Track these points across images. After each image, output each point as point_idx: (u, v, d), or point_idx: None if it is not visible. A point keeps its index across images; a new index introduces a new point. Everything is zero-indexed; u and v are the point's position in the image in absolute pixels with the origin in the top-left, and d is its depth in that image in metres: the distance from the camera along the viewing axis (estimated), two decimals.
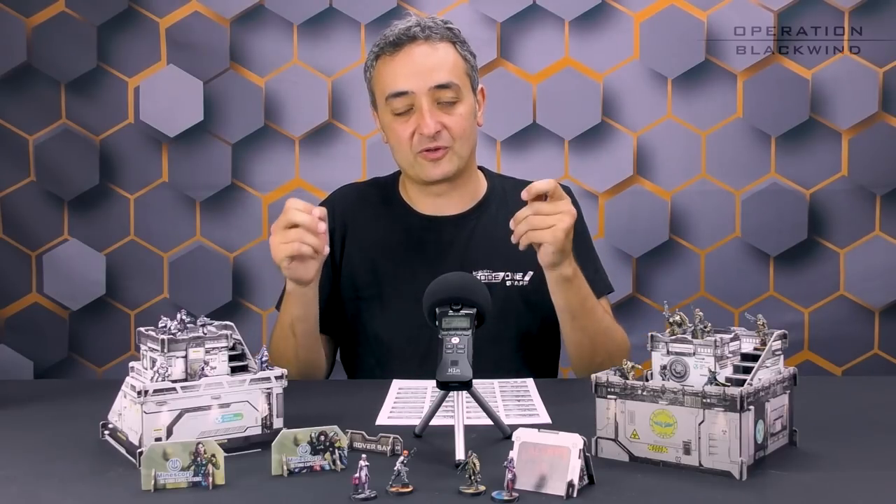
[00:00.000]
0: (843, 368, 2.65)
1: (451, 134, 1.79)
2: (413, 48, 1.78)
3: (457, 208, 1.89)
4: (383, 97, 1.81)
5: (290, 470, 1.10)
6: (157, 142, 2.68)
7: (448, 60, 1.79)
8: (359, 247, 1.89)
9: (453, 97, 1.78)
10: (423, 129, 1.76)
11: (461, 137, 1.80)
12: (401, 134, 1.80)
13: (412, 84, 1.77)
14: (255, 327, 2.67)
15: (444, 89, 1.77)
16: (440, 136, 1.77)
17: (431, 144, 1.78)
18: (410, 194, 1.92)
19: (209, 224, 2.69)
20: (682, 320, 1.17)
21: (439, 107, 1.78)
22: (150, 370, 1.18)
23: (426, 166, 1.80)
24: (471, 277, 1.29)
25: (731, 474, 1.07)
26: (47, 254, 2.68)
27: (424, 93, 1.76)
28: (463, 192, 1.90)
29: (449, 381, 1.14)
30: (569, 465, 1.01)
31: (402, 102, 1.78)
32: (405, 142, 1.79)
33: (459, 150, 1.81)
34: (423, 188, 1.88)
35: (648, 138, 2.66)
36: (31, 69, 2.67)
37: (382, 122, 1.86)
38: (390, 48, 1.79)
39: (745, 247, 2.66)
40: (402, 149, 1.81)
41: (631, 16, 2.66)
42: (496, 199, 1.93)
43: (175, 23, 2.67)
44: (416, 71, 1.77)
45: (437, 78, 1.77)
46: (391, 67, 1.79)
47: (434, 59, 1.78)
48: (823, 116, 2.64)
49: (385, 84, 1.80)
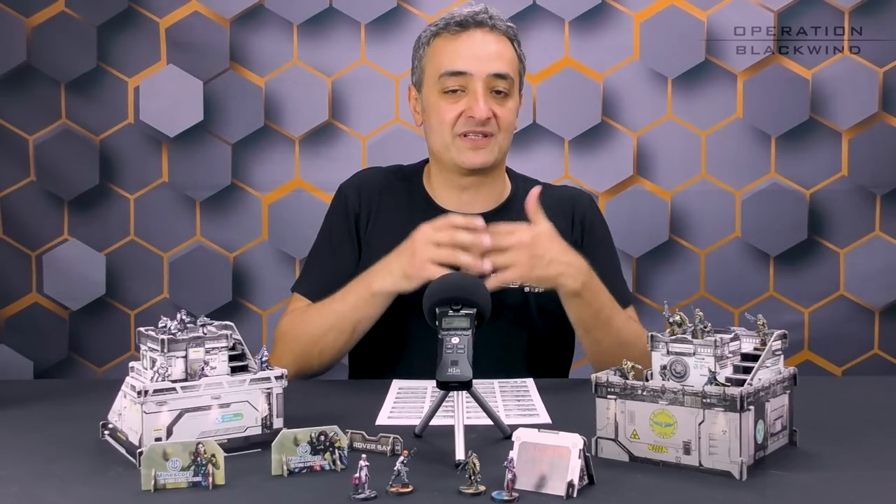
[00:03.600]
0: (843, 368, 2.65)
1: (499, 123, 1.78)
2: (477, 32, 1.78)
3: (480, 207, 1.85)
4: (436, 73, 1.78)
5: (290, 470, 1.10)
6: (157, 142, 2.68)
7: (508, 53, 1.80)
8: (378, 236, 1.85)
9: (506, 88, 1.78)
10: (476, 112, 1.74)
11: (506, 129, 1.80)
12: (445, 113, 1.77)
13: (472, 66, 1.75)
14: (255, 327, 2.67)
15: (500, 79, 1.76)
16: (489, 123, 1.76)
17: (479, 129, 1.76)
18: (435, 187, 1.88)
19: (209, 224, 2.69)
20: (682, 320, 1.17)
21: (492, 96, 1.77)
22: (150, 370, 1.18)
23: (465, 151, 1.78)
24: (471, 277, 1.29)
25: (731, 474, 1.07)
26: (47, 254, 2.68)
27: (482, 77, 1.75)
28: (488, 191, 1.87)
29: (449, 381, 1.14)
30: (569, 465, 1.01)
31: (455, 82, 1.76)
32: (448, 122, 1.77)
33: (502, 142, 1.80)
34: (450, 179, 1.85)
35: (648, 138, 2.66)
36: (31, 69, 2.67)
37: (427, 101, 1.82)
38: (455, 27, 1.78)
39: (745, 247, 2.66)
40: (442, 129, 1.78)
41: (631, 16, 2.66)
42: (519, 203, 1.86)
43: (175, 23, 2.67)
44: (477, 54, 1.76)
45: (496, 66, 1.76)
46: (453, 46, 1.78)
47: (496, 48, 1.78)
48: (823, 116, 2.64)
49: (442, 61, 1.78)
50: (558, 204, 1.90)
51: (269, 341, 2.33)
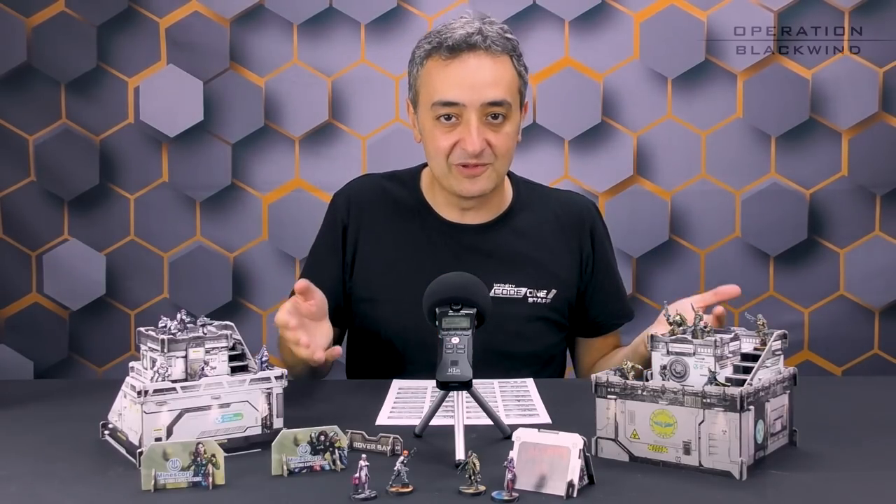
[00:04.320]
0: (843, 368, 2.65)
1: (495, 152, 1.71)
2: (470, 58, 1.69)
3: (481, 217, 1.83)
4: (429, 100, 1.72)
5: (290, 470, 1.10)
6: (157, 142, 2.68)
7: (505, 77, 1.70)
8: (375, 246, 1.83)
9: (504, 112, 1.70)
10: (469, 146, 1.68)
11: (503, 156, 1.73)
12: (441, 143, 1.71)
13: (464, 97, 1.68)
14: (255, 327, 2.67)
15: (495, 106, 1.69)
16: (483, 155, 1.70)
17: (472, 161, 1.70)
18: (433, 196, 1.85)
19: (209, 224, 2.69)
20: (682, 320, 1.17)
21: (486, 122, 1.70)
22: (150, 370, 1.18)
23: (462, 181, 1.73)
24: (471, 277, 1.28)
25: (731, 474, 1.07)
26: (47, 254, 2.68)
27: (475, 108, 1.68)
28: (490, 204, 1.83)
29: (449, 381, 1.14)
30: (569, 465, 1.01)
31: (448, 111, 1.69)
32: (443, 151, 1.71)
33: (499, 168, 1.75)
34: (450, 198, 1.81)
35: (648, 138, 2.66)
36: (31, 69, 2.67)
37: (423, 124, 1.77)
38: (446, 52, 1.69)
39: (745, 247, 2.66)
40: (438, 158, 1.73)
41: (631, 16, 2.66)
42: (521, 209, 1.86)
43: (175, 23, 2.67)
44: (470, 84, 1.68)
45: (490, 94, 1.68)
46: (444, 74, 1.70)
47: (491, 73, 1.69)
48: (823, 116, 2.64)
49: (434, 89, 1.71)
50: (564, 212, 1.88)
51: (270, 341, 2.34)
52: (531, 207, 1.87)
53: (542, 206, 1.89)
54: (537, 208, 1.87)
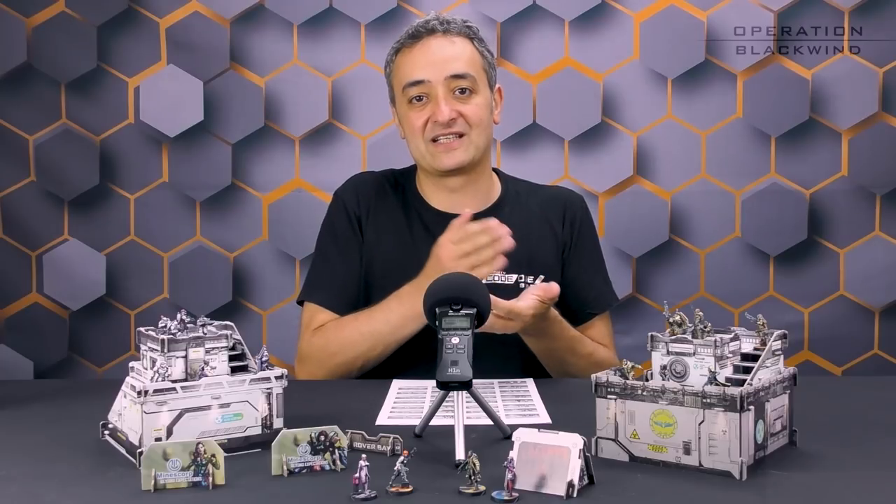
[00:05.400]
0: (843, 368, 2.65)
1: (468, 121, 1.81)
2: (431, 40, 1.83)
3: (470, 207, 1.85)
4: (400, 86, 1.85)
5: (290, 470, 1.10)
6: (157, 142, 2.68)
7: (465, 53, 1.84)
8: (376, 235, 1.90)
9: (469, 86, 1.81)
10: (438, 115, 1.79)
11: (477, 125, 1.82)
12: (415, 122, 1.82)
13: (429, 73, 1.80)
14: (256, 327, 2.67)
15: (459, 79, 1.80)
16: (455, 123, 1.80)
17: (446, 130, 1.80)
18: (425, 189, 1.93)
19: (209, 224, 2.69)
20: (682, 320, 1.17)
21: (455, 97, 1.81)
22: (150, 370, 1.18)
23: (439, 155, 1.82)
24: (471, 277, 1.29)
25: (731, 474, 1.07)
26: (47, 254, 2.68)
27: (440, 81, 1.80)
28: (477, 191, 1.91)
29: (449, 381, 1.14)
30: (569, 465, 1.01)
31: (417, 90, 1.81)
32: (418, 129, 1.82)
33: (476, 139, 1.83)
34: (438, 182, 1.89)
35: (648, 138, 2.66)
36: (31, 69, 2.67)
37: (400, 114, 1.88)
38: (409, 40, 1.84)
39: (745, 247, 2.66)
40: (415, 138, 1.84)
41: (631, 16, 2.66)
42: (510, 202, 1.94)
43: (175, 23, 2.67)
44: (432, 60, 1.81)
45: (453, 68, 1.80)
46: (409, 58, 1.83)
47: (451, 50, 1.82)
48: (823, 116, 2.64)
49: (403, 74, 1.84)
50: (549, 203, 1.95)
51: (270, 341, 2.34)
52: (518, 200, 1.95)
53: (529, 198, 1.97)
54: (524, 201, 1.95)
